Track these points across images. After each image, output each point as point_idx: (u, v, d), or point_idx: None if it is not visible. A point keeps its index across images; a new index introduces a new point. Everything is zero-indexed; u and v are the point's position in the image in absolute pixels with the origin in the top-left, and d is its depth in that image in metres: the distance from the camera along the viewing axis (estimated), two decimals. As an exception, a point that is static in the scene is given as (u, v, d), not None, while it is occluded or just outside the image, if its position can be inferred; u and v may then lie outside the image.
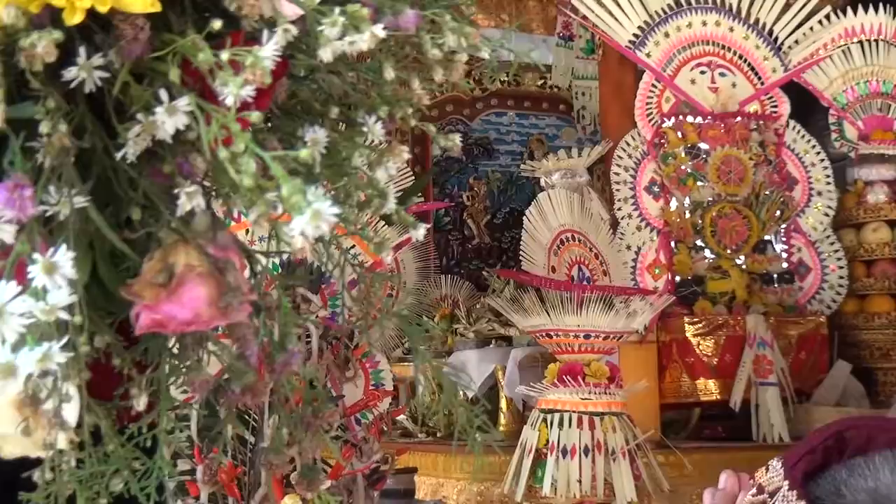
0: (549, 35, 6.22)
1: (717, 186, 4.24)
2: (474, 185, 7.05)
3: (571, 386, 3.32)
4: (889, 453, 0.94)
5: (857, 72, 4.65)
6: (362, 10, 0.71)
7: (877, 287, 4.46)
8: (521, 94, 7.24)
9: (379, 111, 0.85)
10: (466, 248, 6.94)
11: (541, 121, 7.26)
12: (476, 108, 7.14)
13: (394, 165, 0.88)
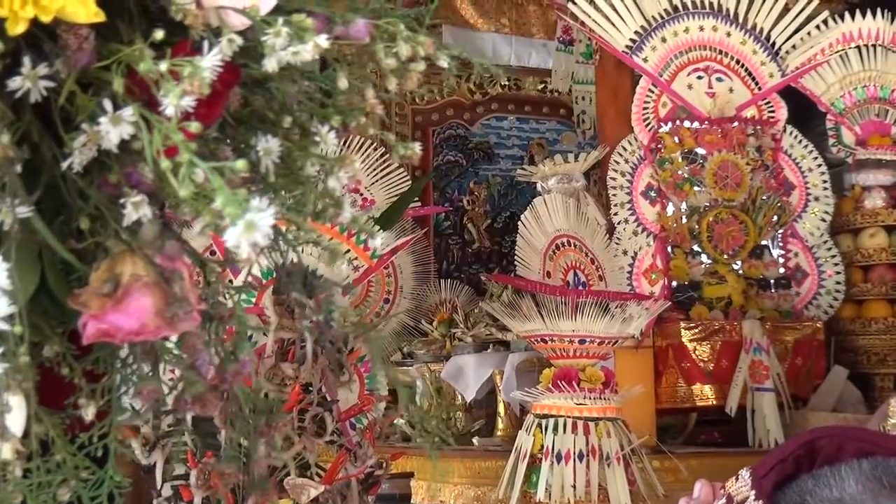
0: (550, 39, 6.25)
1: (713, 191, 4.24)
2: (475, 189, 7.06)
3: (566, 391, 3.32)
4: (856, 463, 0.94)
5: (854, 77, 4.64)
6: (306, 20, 0.71)
7: (874, 292, 4.45)
8: (521, 99, 7.25)
9: (332, 120, 0.85)
10: (466, 252, 6.95)
11: (541, 125, 7.27)
12: (476, 113, 7.16)
13: (345, 175, 0.87)
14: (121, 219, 0.75)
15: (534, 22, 6.59)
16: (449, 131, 7.08)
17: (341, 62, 0.83)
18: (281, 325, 2.88)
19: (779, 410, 3.90)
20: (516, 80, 7.23)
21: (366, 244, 3.21)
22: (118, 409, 0.87)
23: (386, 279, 3.83)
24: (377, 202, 3.91)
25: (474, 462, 4.12)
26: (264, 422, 1.02)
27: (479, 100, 7.16)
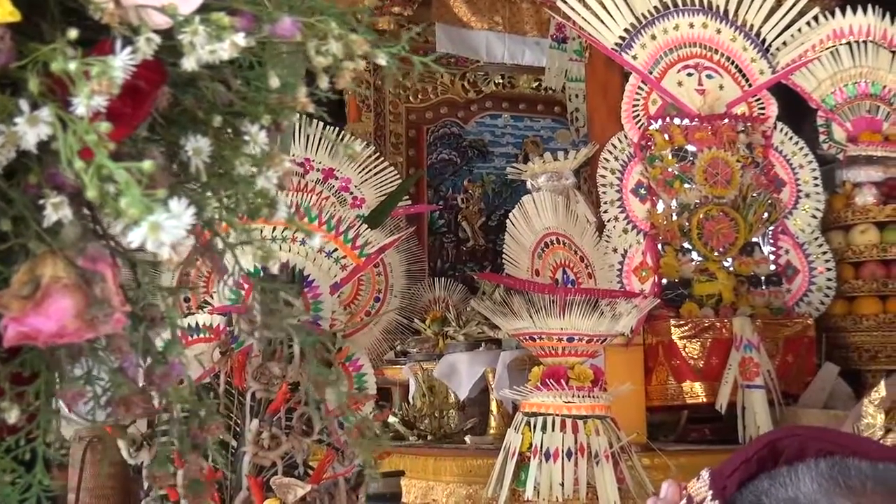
0: (543, 37, 6.23)
1: (704, 189, 4.23)
2: (469, 187, 7.06)
3: (555, 389, 3.32)
4: (814, 463, 0.93)
5: (845, 73, 4.64)
6: (223, 18, 0.71)
7: (865, 289, 4.45)
8: (515, 97, 7.26)
9: (262, 119, 0.84)
10: (461, 250, 6.95)
11: (536, 123, 7.28)
12: (471, 111, 7.16)
13: (275, 174, 0.87)
14: (42, 220, 0.74)
15: (527, 20, 6.58)
16: (443, 129, 7.08)
17: (271, 61, 0.83)
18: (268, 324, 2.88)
19: (769, 407, 3.90)
20: (510, 78, 7.24)
21: (354, 242, 3.21)
22: (47, 411, 0.86)
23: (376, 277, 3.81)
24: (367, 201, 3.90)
25: (466, 460, 4.12)
26: (197, 424, 1.01)
27: (473, 98, 7.17)
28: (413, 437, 4.71)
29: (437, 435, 4.71)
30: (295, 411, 2.86)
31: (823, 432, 1.00)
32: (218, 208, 0.74)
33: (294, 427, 2.82)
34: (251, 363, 2.86)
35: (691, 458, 3.70)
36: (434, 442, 4.63)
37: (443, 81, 7.10)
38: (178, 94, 0.80)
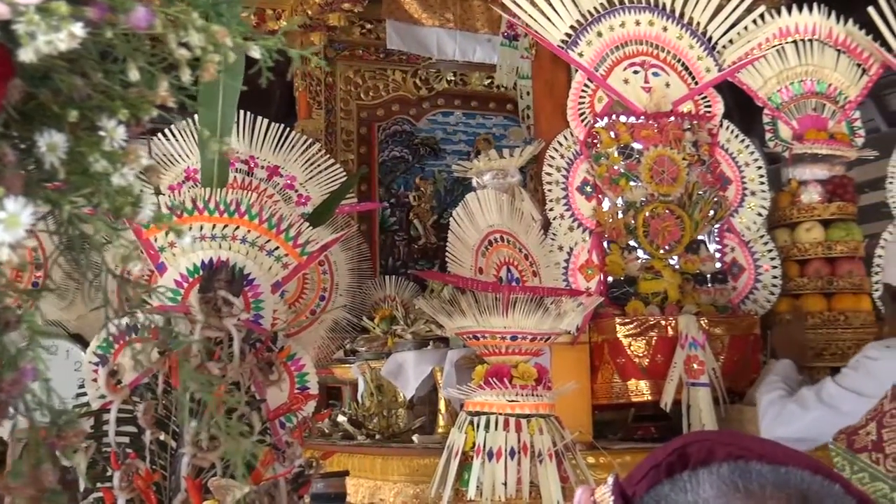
0: (495, 34, 6.22)
1: (649, 186, 4.23)
2: (421, 185, 7.05)
3: (498, 388, 3.31)
4: (716, 467, 0.93)
5: (791, 71, 4.65)
6: (62, 6, 0.68)
7: (810, 286, 4.46)
8: (467, 94, 7.26)
9: (119, 114, 0.81)
10: (412, 248, 6.94)
11: (488, 120, 7.27)
12: (422, 108, 7.15)
13: (131, 171, 0.83)
14: None
15: (478, 17, 6.58)
16: (395, 127, 7.06)
17: (131, 53, 0.79)
18: (207, 323, 2.85)
19: (714, 405, 3.90)
20: (462, 76, 7.23)
21: (295, 240, 3.18)
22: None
23: (322, 276, 3.79)
24: (313, 199, 3.87)
25: (413, 460, 4.11)
26: (55, 432, 0.97)
27: (424, 95, 7.15)
28: (361, 436, 4.69)
29: (386, 434, 4.68)
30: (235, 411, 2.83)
31: (732, 437, 1.00)
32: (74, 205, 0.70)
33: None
34: (189, 363, 2.81)
35: (636, 457, 3.69)
36: (382, 441, 4.60)
37: (394, 79, 7.08)
38: (32, 88, 0.76)
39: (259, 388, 3.00)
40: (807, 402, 3.55)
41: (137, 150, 0.81)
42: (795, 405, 3.57)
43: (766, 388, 3.74)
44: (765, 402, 3.66)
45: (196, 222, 3.04)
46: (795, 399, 3.61)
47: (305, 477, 2.91)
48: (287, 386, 3.19)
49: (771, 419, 3.60)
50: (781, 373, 3.83)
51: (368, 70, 7.05)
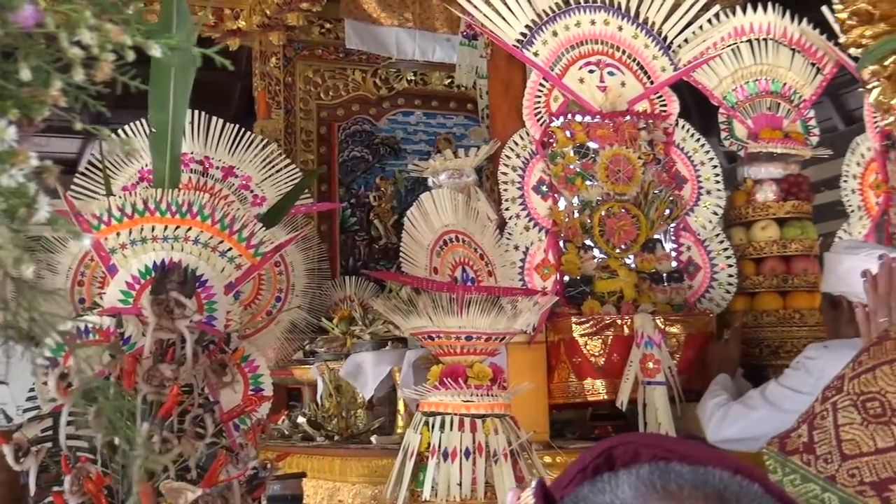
0: (454, 34, 6.22)
1: (605, 186, 4.23)
2: (381, 185, 7.03)
3: (453, 388, 3.31)
4: (636, 469, 0.93)
5: (746, 71, 4.67)
6: None
7: (766, 285, 4.49)
8: (428, 94, 7.25)
9: (10, 114, 0.79)
10: (373, 248, 6.93)
11: (448, 120, 7.27)
12: (383, 108, 7.13)
13: (19, 172, 0.82)
14: None
15: (438, 16, 6.58)
16: (354, 127, 7.04)
17: (24, 52, 0.78)
18: (159, 325, 2.83)
19: (670, 404, 3.92)
20: (423, 75, 7.22)
21: (248, 241, 3.16)
22: None
23: (278, 277, 3.78)
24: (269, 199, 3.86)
25: (371, 461, 4.10)
26: None
27: (385, 95, 7.14)
28: (320, 437, 4.68)
29: (345, 435, 4.67)
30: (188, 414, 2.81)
31: (656, 439, 1.01)
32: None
33: (186, 430, 2.77)
34: (142, 365, 2.79)
35: (592, 455, 3.69)
36: (341, 442, 4.60)
37: (354, 78, 7.07)
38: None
39: (212, 390, 2.98)
40: (752, 401, 3.60)
41: (27, 151, 0.80)
42: (740, 405, 3.62)
43: (709, 395, 3.78)
44: (710, 406, 3.70)
45: (147, 223, 3.02)
46: (741, 400, 3.66)
47: (260, 479, 2.91)
48: (241, 388, 3.18)
49: (717, 421, 3.64)
50: (722, 383, 3.87)
51: (328, 70, 7.03)
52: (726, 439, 3.56)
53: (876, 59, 1.21)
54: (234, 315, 3.20)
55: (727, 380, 3.90)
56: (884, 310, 1.84)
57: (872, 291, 1.98)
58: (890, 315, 1.81)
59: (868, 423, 1.16)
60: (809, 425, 1.24)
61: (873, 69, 1.23)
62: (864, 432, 1.16)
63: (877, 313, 1.86)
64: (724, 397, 3.73)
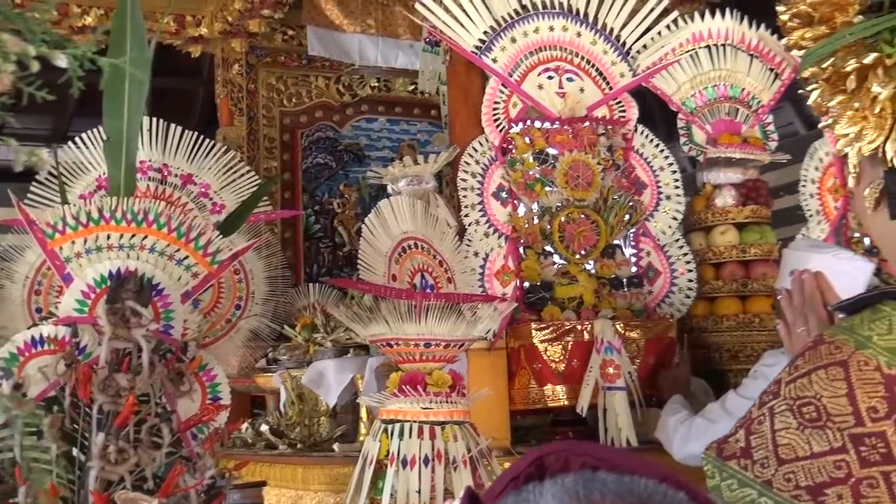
0: (417, 40, 6.22)
1: (565, 191, 4.24)
2: (345, 191, 7.03)
3: (412, 395, 3.30)
4: (561, 478, 0.93)
5: (705, 76, 4.69)
6: None
7: (725, 289, 4.51)
8: (391, 100, 7.25)
9: None
10: (337, 255, 6.91)
11: (412, 126, 7.27)
12: (346, 114, 7.13)
13: None
14: None
15: (400, 22, 6.58)
16: (318, 133, 7.03)
17: None
18: (115, 334, 2.81)
19: (631, 409, 3.92)
20: (386, 82, 7.22)
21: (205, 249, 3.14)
22: None
23: (237, 284, 3.76)
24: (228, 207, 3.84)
25: (334, 468, 4.10)
26: None
27: (348, 101, 7.13)
28: (283, 445, 4.66)
29: (308, 443, 4.66)
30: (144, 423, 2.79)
31: (587, 447, 1.01)
32: None
33: (143, 440, 2.75)
34: (97, 375, 2.77)
35: (553, 461, 3.69)
36: (304, 450, 4.58)
37: (317, 85, 7.06)
38: None
39: (170, 400, 2.96)
40: (713, 414, 3.59)
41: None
42: (702, 419, 3.61)
43: (668, 414, 3.77)
44: (671, 423, 3.69)
45: (103, 232, 2.99)
46: (702, 413, 3.65)
47: (217, 488, 2.89)
48: (199, 396, 3.15)
49: (681, 437, 3.63)
50: (678, 401, 3.86)
51: (291, 76, 7.01)
52: (693, 454, 3.57)
53: (815, 61, 1.22)
54: (192, 324, 3.18)
55: (682, 398, 3.90)
56: (801, 320, 1.88)
57: (789, 305, 2.00)
58: (807, 324, 1.85)
59: (804, 427, 1.17)
60: (747, 430, 1.24)
61: (812, 71, 1.24)
62: (800, 437, 1.16)
63: (795, 324, 1.90)
64: (685, 413, 3.73)
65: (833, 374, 1.18)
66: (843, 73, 1.19)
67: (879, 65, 1.15)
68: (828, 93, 1.22)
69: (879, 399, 1.15)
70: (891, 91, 1.15)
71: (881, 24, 1.16)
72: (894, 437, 1.13)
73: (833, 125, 1.25)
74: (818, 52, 1.22)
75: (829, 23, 1.20)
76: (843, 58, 1.19)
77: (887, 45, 1.16)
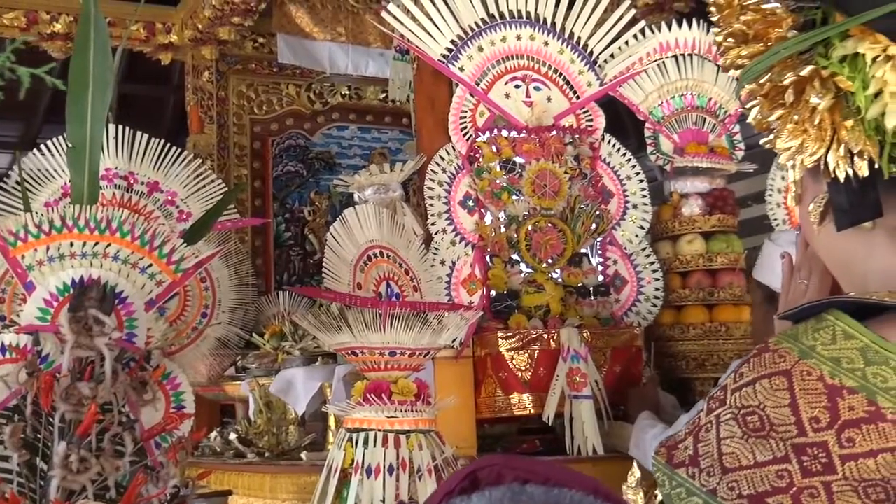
0: (387, 48, 6.23)
1: (532, 200, 4.24)
2: (316, 199, 7.03)
3: (377, 404, 3.29)
4: (488, 491, 0.94)
5: (672, 86, 4.71)
6: None
7: (692, 298, 4.52)
8: (362, 108, 7.26)
9: None
10: (308, 263, 6.92)
11: (383, 134, 7.29)
12: (317, 122, 7.14)
13: None
14: None
15: (371, 31, 6.59)
16: (289, 141, 7.04)
17: None
18: (78, 343, 2.80)
19: (597, 418, 3.93)
20: (357, 90, 7.23)
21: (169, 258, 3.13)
22: None
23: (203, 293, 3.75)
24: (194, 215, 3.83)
25: (301, 477, 4.10)
26: None
27: (319, 109, 7.14)
28: (251, 454, 4.65)
29: (276, 451, 4.65)
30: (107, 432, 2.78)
31: (521, 461, 1.01)
32: None
33: (105, 449, 2.74)
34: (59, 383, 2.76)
35: (519, 470, 3.69)
36: (272, 459, 4.57)
37: (288, 93, 7.06)
38: None
39: (133, 408, 2.95)
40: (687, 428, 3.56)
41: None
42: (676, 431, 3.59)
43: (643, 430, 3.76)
44: (648, 440, 3.67)
45: (65, 240, 2.98)
46: (674, 427, 3.64)
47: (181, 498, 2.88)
48: (162, 405, 3.14)
49: None
50: (648, 417, 3.86)
51: (262, 84, 7.02)
52: None
53: (753, 77, 1.23)
54: (156, 332, 3.17)
55: (651, 414, 3.90)
56: (806, 268, 1.77)
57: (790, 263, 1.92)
58: (809, 278, 1.73)
59: (748, 436, 1.17)
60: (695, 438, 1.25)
61: (751, 88, 1.25)
62: (744, 446, 1.17)
63: (800, 270, 1.79)
64: (660, 427, 3.71)
65: (776, 384, 1.19)
66: (782, 88, 1.20)
67: (816, 77, 1.16)
68: (767, 108, 1.23)
69: (822, 409, 1.16)
70: (828, 102, 1.17)
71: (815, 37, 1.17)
72: (836, 448, 1.14)
73: (775, 140, 1.26)
74: (755, 68, 1.23)
75: (764, 40, 1.22)
76: (780, 72, 1.21)
77: (822, 58, 1.17)
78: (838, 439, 1.11)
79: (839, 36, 1.17)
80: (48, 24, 6.32)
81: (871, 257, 1.30)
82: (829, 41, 1.18)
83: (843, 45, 1.17)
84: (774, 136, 1.26)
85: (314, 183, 7.04)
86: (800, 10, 1.21)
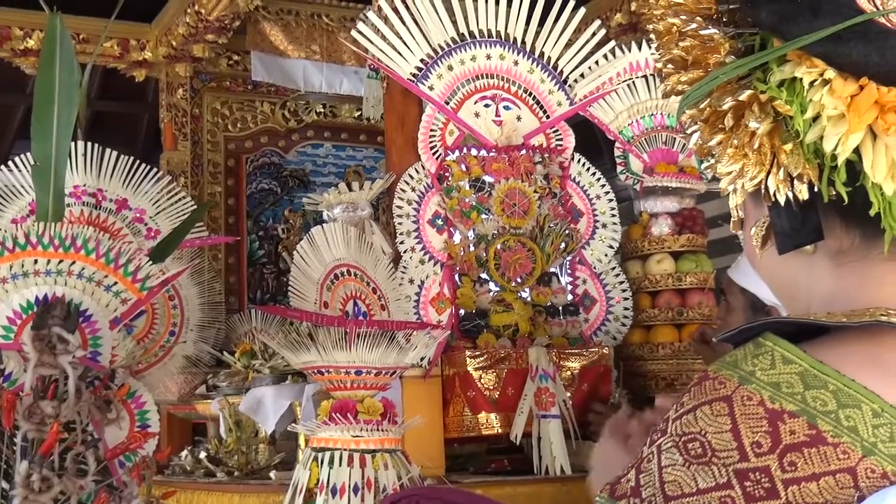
0: (362, 66, 6.23)
1: (501, 219, 4.24)
2: (290, 217, 7.02)
3: (343, 423, 3.28)
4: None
5: (642, 106, 4.73)
6: None
7: (661, 317, 4.53)
8: (337, 126, 7.26)
9: None
10: (281, 281, 6.89)
11: (358, 152, 7.29)
12: (292, 140, 7.13)
13: None
14: None
15: (345, 49, 6.59)
16: (263, 159, 7.03)
17: None
18: (41, 361, 2.78)
19: (565, 437, 3.93)
20: (332, 108, 7.23)
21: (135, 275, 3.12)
22: None
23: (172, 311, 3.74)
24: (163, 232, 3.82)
25: (270, 496, 4.07)
26: None
27: (293, 127, 7.14)
28: (221, 473, 4.62)
29: (245, 470, 4.62)
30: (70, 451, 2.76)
31: (440, 492, 1.02)
32: None
33: (68, 468, 2.73)
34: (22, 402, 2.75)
35: (487, 490, 3.69)
36: (241, 478, 4.55)
37: (262, 110, 7.06)
38: None
39: (96, 427, 2.94)
40: None
41: None
42: None
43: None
44: None
45: (29, 257, 2.97)
46: None
47: (144, 517, 2.87)
48: (127, 424, 3.13)
49: None
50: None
51: (236, 101, 7.01)
52: None
53: (692, 102, 1.24)
54: (122, 350, 3.15)
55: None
56: None
57: None
58: None
59: (689, 463, 1.17)
60: (637, 469, 1.25)
61: (691, 114, 1.26)
62: (686, 473, 1.17)
63: None
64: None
65: (717, 410, 1.19)
66: (721, 112, 1.20)
67: (754, 101, 1.17)
68: (707, 133, 1.24)
69: (763, 434, 1.16)
70: (767, 126, 1.17)
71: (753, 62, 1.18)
72: (778, 472, 1.14)
73: (715, 165, 1.27)
74: (694, 94, 1.24)
75: (703, 65, 1.22)
76: (720, 97, 1.21)
77: (761, 82, 1.18)
78: (780, 463, 1.11)
79: (777, 61, 1.19)
80: (21, 40, 6.31)
81: (813, 280, 1.31)
82: (767, 66, 1.19)
83: (781, 69, 1.18)
84: (715, 160, 1.26)
85: (288, 201, 7.03)
86: (738, 36, 1.22)
